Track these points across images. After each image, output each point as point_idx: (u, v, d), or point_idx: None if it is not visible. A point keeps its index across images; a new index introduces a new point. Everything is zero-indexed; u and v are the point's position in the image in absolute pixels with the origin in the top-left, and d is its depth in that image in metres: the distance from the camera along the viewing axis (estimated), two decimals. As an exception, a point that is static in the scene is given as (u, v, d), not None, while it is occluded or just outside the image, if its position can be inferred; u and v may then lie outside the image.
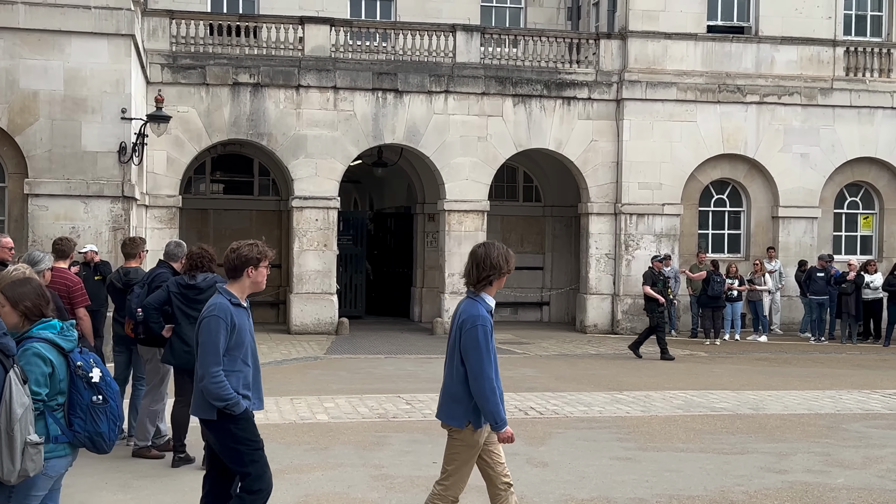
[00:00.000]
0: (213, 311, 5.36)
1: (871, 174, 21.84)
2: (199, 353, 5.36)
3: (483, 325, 5.34)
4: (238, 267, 5.46)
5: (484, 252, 5.45)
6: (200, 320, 5.43)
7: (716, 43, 20.91)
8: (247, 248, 5.47)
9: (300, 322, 19.49)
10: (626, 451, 9.15)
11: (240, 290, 5.49)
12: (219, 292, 5.51)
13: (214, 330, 5.31)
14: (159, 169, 18.64)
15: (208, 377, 5.29)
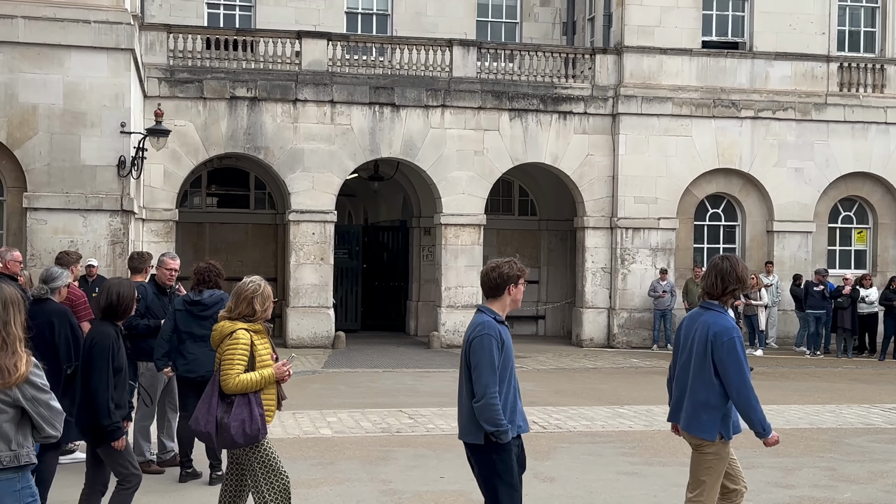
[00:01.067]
0: (483, 329, 5.17)
1: (865, 189, 21.98)
2: (475, 373, 5.11)
3: (738, 336, 5.48)
4: (500, 285, 5.32)
5: (729, 266, 5.55)
6: (470, 340, 5.16)
7: (711, 58, 21.05)
8: (507, 265, 5.37)
9: (297, 336, 19.45)
10: (632, 465, 9.16)
11: (501, 308, 5.35)
12: (480, 311, 5.32)
13: (488, 348, 5.11)
14: (156, 182, 18.61)
15: (487, 396, 5.07)
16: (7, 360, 4.01)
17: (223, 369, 5.74)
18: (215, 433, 5.69)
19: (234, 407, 5.69)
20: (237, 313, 5.83)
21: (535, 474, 8.70)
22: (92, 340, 6.06)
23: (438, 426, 11.02)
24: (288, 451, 9.49)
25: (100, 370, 5.96)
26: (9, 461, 4.09)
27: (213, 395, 5.77)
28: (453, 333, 20.13)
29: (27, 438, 4.16)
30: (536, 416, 11.73)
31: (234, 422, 5.65)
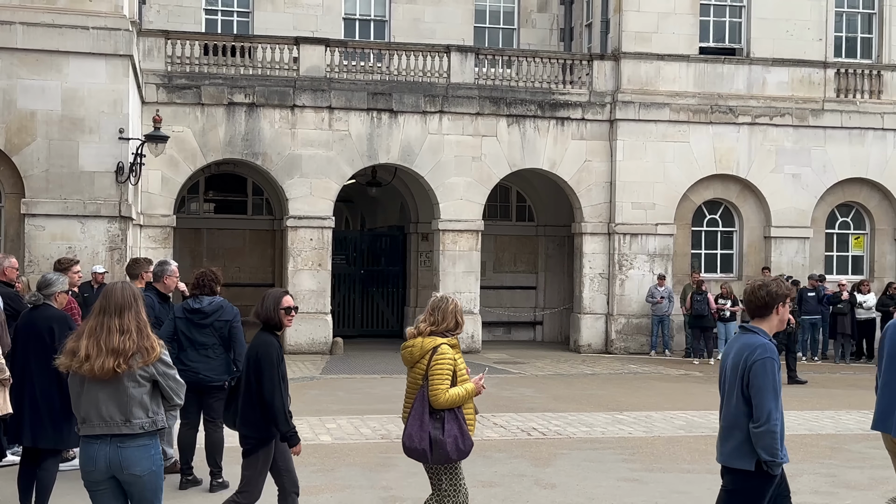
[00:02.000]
0: (766, 352, 5.00)
1: (862, 195, 22.02)
2: (758, 397, 4.91)
3: None
4: (768, 304, 5.16)
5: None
6: (751, 364, 4.95)
7: (708, 64, 21.09)
8: (774, 284, 5.22)
9: (294, 342, 19.42)
10: (632, 472, 9.15)
11: (769, 328, 5.20)
12: (751, 331, 5.11)
13: (772, 372, 4.95)
14: (154, 188, 18.60)
15: (770, 423, 4.93)
16: (146, 343, 4.93)
17: (433, 385, 5.76)
18: (430, 449, 5.75)
19: (444, 423, 5.77)
20: (442, 328, 5.89)
21: (535, 481, 8.70)
22: (257, 351, 6.08)
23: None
24: (288, 457, 9.47)
25: (270, 379, 5.99)
26: (148, 426, 4.93)
27: (424, 412, 5.81)
28: (451, 339, 20.08)
29: (160, 407, 5.02)
30: (536, 423, 11.73)
31: (449, 438, 5.73)
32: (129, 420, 4.89)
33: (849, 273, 21.93)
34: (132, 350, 4.89)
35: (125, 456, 4.88)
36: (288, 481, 6.28)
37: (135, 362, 4.89)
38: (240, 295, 21.23)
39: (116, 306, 4.96)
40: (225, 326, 8.15)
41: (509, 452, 9.92)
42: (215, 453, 8.18)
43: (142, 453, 4.92)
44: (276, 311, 6.14)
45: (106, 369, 4.83)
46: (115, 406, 4.89)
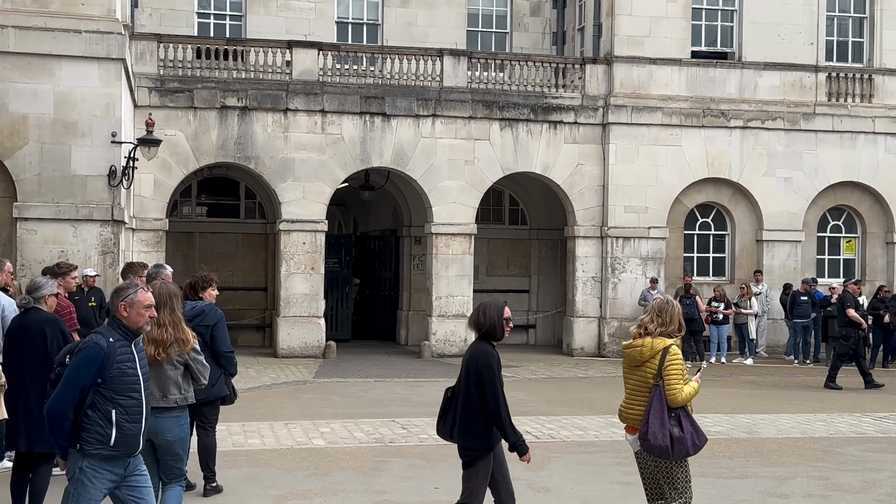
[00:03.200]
0: None
1: (854, 198, 22.10)
2: None
3: None
4: None
5: None
6: None
7: (700, 68, 21.15)
8: None
9: (287, 345, 19.40)
10: (626, 475, 9.15)
11: None
12: None
13: None
14: (146, 192, 18.56)
15: None
16: (181, 335, 6.18)
17: (670, 384, 6.07)
18: (671, 446, 6.01)
19: (680, 420, 6.10)
20: (669, 330, 6.14)
21: (529, 485, 8.70)
22: (478, 362, 6.07)
23: (432, 436, 10.98)
24: (282, 461, 9.47)
25: (493, 389, 6.00)
26: (180, 401, 6.20)
27: (663, 410, 6.06)
28: (444, 343, 20.12)
29: (189, 386, 6.28)
30: (529, 426, 11.73)
31: (688, 435, 6.08)
32: (165, 396, 6.13)
33: (840, 276, 21.98)
34: (170, 341, 6.10)
35: (161, 424, 6.07)
36: (504, 492, 6.28)
37: (172, 351, 6.12)
38: (232, 298, 21.25)
39: (157, 302, 5.75)
40: (207, 331, 7.90)
41: (503, 456, 9.90)
42: (208, 458, 8.16)
43: (174, 423, 6.18)
44: (500, 320, 6.15)
45: (148, 356, 5.83)
46: (156, 385, 5.99)
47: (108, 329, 5.31)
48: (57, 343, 7.09)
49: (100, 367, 5.14)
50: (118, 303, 5.32)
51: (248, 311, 21.83)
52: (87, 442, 5.16)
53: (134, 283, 5.51)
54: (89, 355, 5.15)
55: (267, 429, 11.19)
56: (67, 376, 5.13)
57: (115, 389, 5.19)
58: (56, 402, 5.14)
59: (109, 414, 5.16)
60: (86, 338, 5.33)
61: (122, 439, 5.19)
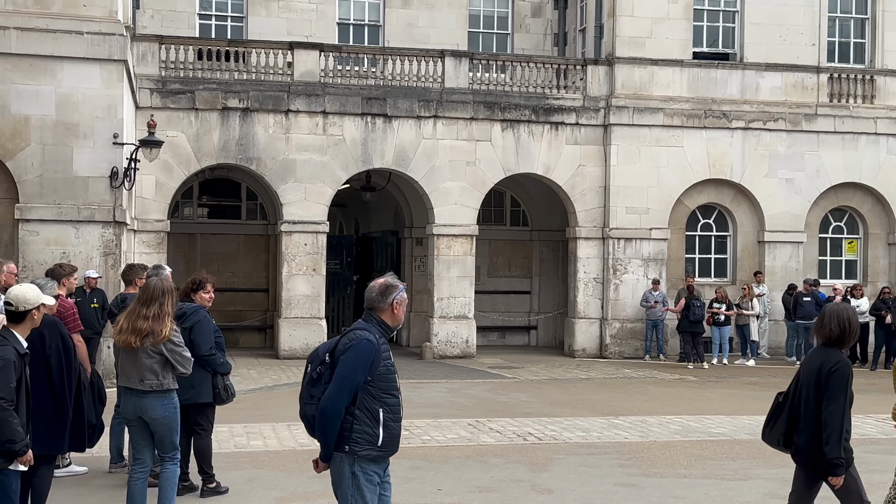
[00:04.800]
0: None
1: (856, 199, 22.08)
2: None
3: None
4: None
5: None
6: None
7: (701, 69, 21.13)
8: None
9: (289, 347, 19.39)
10: (629, 476, 9.15)
11: None
12: None
13: None
14: (148, 193, 18.55)
15: None
16: (157, 327, 6.67)
17: None
18: None
19: None
20: None
21: (532, 486, 8.69)
22: (831, 368, 5.93)
23: (434, 437, 11.00)
24: (284, 463, 9.45)
25: (837, 399, 5.88)
26: (156, 386, 6.74)
27: None
28: (445, 344, 20.11)
29: (168, 373, 6.78)
30: (532, 427, 11.72)
31: None
32: (142, 380, 6.71)
33: (842, 277, 21.98)
34: (146, 332, 6.65)
35: (145, 403, 6.75)
36: None
37: (147, 341, 6.65)
38: (234, 300, 21.28)
39: (147, 297, 6.75)
40: (185, 333, 7.75)
41: (505, 457, 9.91)
42: (202, 461, 8.17)
43: (156, 402, 6.75)
44: (852, 328, 6.05)
45: (126, 343, 6.71)
46: (134, 369, 6.74)
47: (368, 325, 5.11)
48: (56, 346, 7.06)
49: (371, 364, 4.96)
50: (390, 301, 5.13)
51: (249, 313, 21.81)
52: (356, 443, 4.94)
53: (399, 282, 5.31)
54: (363, 352, 4.94)
55: (269, 430, 11.18)
56: (341, 374, 4.89)
57: (382, 388, 5.01)
58: (332, 400, 4.89)
59: (377, 413, 4.97)
60: (351, 334, 5.08)
61: (389, 439, 5.03)
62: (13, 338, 5.81)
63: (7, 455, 5.62)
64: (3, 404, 5.54)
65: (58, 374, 6.69)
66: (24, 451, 5.67)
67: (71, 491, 8.20)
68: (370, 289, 5.20)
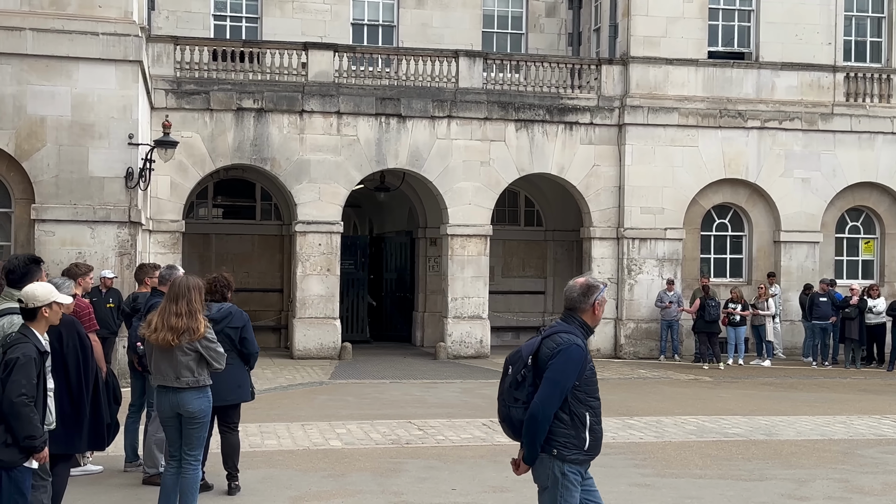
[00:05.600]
0: None
1: (872, 199, 21.94)
2: None
3: None
4: None
5: None
6: None
7: (717, 69, 21.04)
8: None
9: (303, 347, 19.42)
10: (644, 477, 9.11)
11: None
12: None
13: None
14: (163, 194, 18.62)
15: None
16: (193, 324, 6.76)
17: None
18: None
19: None
20: None
21: (547, 486, 8.65)
22: None
23: (448, 437, 10.99)
24: (298, 463, 9.46)
25: None
26: (192, 383, 6.81)
27: None
28: (459, 344, 20.09)
29: (203, 370, 6.86)
30: (546, 428, 11.68)
31: None
32: (178, 377, 6.79)
33: (859, 278, 21.83)
34: (183, 329, 6.71)
35: (181, 398, 6.82)
36: None
37: (184, 338, 6.72)
38: (248, 300, 21.29)
39: (175, 294, 6.82)
40: (236, 333, 8.13)
41: (520, 458, 9.87)
42: (234, 456, 8.21)
43: (191, 396, 6.84)
44: None
45: (164, 341, 6.73)
46: (170, 367, 6.79)
47: (570, 327, 5.05)
48: (73, 345, 7.07)
49: (580, 368, 4.93)
50: (591, 301, 5.08)
51: (263, 313, 21.85)
52: (563, 447, 4.94)
53: (600, 282, 5.24)
54: (575, 356, 4.89)
55: (283, 430, 11.20)
56: (552, 379, 4.85)
57: (588, 391, 4.99)
58: (543, 405, 4.86)
59: (583, 417, 4.95)
60: (557, 338, 5.00)
61: (594, 443, 5.02)
62: (33, 336, 5.84)
63: (26, 450, 5.65)
64: (25, 400, 5.57)
65: (75, 373, 6.71)
66: (41, 448, 5.70)
67: (86, 490, 8.22)
68: (570, 288, 5.16)
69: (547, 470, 4.99)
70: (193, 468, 6.95)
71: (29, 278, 6.11)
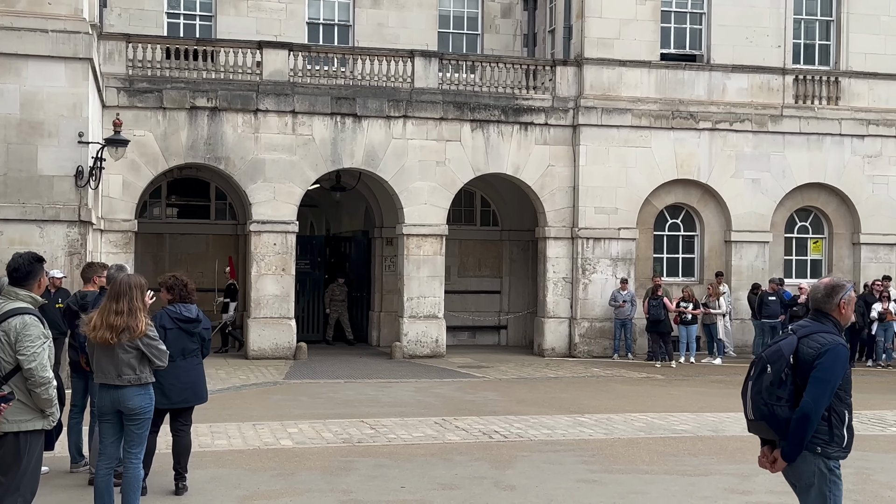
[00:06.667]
0: None
1: (820, 199, 22.35)
2: None
3: None
4: None
5: None
6: None
7: (669, 70, 21.30)
8: None
9: (258, 347, 19.34)
10: (591, 473, 9.23)
11: None
12: None
13: None
14: (115, 193, 18.44)
15: None
16: (133, 322, 6.72)
17: None
18: None
19: None
20: None
21: (495, 483, 8.74)
22: None
23: (400, 436, 11.03)
24: (248, 462, 9.45)
25: None
26: (135, 381, 6.81)
27: None
28: (415, 344, 20.13)
29: (145, 367, 6.86)
30: (498, 426, 11.79)
31: None
32: (120, 375, 6.79)
33: (808, 277, 22.23)
34: (122, 327, 6.70)
35: (122, 394, 6.82)
36: None
37: (123, 336, 6.71)
38: (202, 300, 21.06)
39: (116, 293, 6.81)
40: (206, 333, 8.35)
41: (470, 455, 9.96)
42: (185, 456, 8.18)
43: (133, 393, 6.82)
44: None
45: (103, 339, 6.74)
46: (111, 365, 6.79)
47: (826, 327, 5.14)
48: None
49: (846, 367, 5.07)
50: (837, 301, 5.15)
51: (218, 314, 21.69)
52: (827, 444, 5.04)
53: (846, 281, 5.29)
54: (842, 356, 5.01)
55: (234, 429, 11.17)
56: (822, 378, 4.94)
57: (846, 390, 5.09)
58: (816, 404, 4.94)
59: (843, 415, 5.06)
60: (820, 338, 5.06)
61: (850, 440, 5.12)
62: None
63: None
64: None
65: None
66: None
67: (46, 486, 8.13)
68: (815, 289, 5.28)
69: (812, 467, 5.10)
70: (135, 466, 6.94)
71: (33, 277, 6.08)
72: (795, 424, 4.97)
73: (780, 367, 5.05)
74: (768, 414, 5.08)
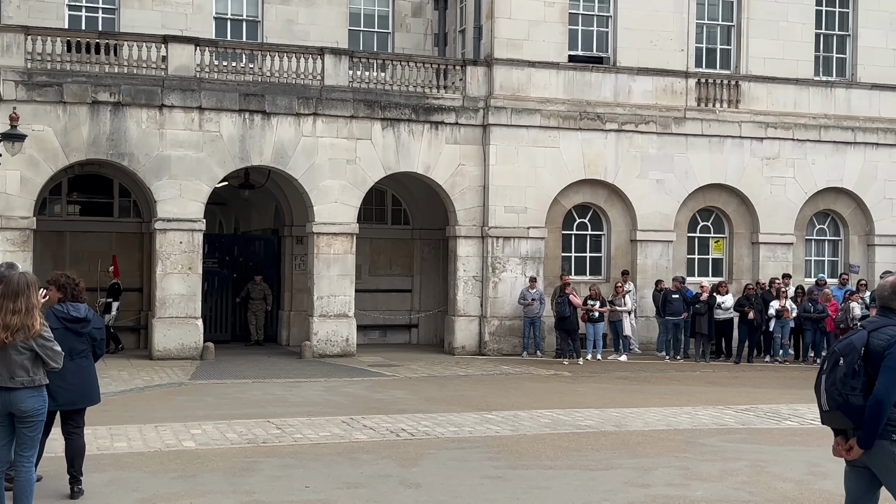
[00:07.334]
0: None
1: (721, 200, 22.99)
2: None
3: None
4: None
5: None
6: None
7: (577, 72, 21.63)
8: None
9: (163, 347, 18.96)
10: (496, 469, 9.32)
11: None
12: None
13: None
14: (12, 189, 17.85)
15: None
16: (28, 321, 6.56)
17: None
18: None
19: None
20: None
21: (401, 481, 8.75)
22: None
23: (306, 436, 10.95)
24: (148, 464, 9.26)
25: None
26: (27, 383, 6.65)
27: None
28: (326, 343, 20.01)
29: (39, 369, 6.72)
30: (405, 424, 11.80)
31: None
32: (13, 377, 6.61)
33: (709, 275, 22.84)
34: (17, 327, 6.54)
35: (14, 396, 6.62)
36: None
37: (18, 336, 6.56)
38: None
39: (14, 292, 6.63)
40: (100, 333, 8.18)
41: (377, 454, 9.95)
42: (79, 459, 7.96)
43: (25, 395, 6.66)
44: None
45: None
46: (4, 366, 6.61)
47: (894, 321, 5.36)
48: None
49: None
50: None
51: (122, 313, 21.18)
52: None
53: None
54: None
55: (135, 431, 10.93)
56: (892, 367, 5.17)
57: None
58: (889, 390, 5.17)
59: None
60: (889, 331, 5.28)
61: None
62: None
63: None
64: None
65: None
66: None
67: None
68: (882, 288, 5.54)
69: (889, 454, 5.30)
70: (27, 470, 6.76)
71: None
72: (870, 411, 5.26)
73: (853, 360, 5.35)
74: (843, 403, 5.35)
